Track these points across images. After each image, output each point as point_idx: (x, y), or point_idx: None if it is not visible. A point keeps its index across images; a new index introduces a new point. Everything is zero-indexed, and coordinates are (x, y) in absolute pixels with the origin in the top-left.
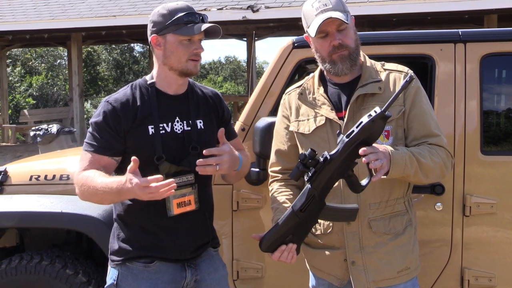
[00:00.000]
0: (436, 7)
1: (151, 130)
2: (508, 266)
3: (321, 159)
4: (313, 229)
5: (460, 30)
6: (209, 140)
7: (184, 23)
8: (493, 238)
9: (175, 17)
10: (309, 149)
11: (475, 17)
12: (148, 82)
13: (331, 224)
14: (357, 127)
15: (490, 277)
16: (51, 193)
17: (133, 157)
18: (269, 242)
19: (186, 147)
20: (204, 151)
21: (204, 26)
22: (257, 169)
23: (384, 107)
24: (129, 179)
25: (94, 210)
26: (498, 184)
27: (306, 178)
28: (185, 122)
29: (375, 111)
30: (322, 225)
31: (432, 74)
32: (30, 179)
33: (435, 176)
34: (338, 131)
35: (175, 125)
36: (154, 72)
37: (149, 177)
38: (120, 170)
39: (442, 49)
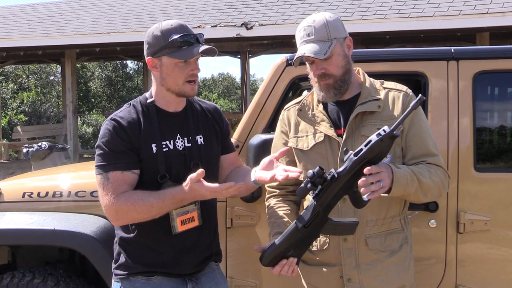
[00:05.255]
0: (429, 25)
1: (154, 148)
2: (502, 283)
3: (329, 177)
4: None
5: (452, 47)
6: (209, 155)
7: (178, 46)
8: (487, 255)
9: (169, 40)
10: (317, 167)
11: (467, 35)
12: (148, 101)
13: (327, 240)
14: (365, 146)
15: None
16: (44, 210)
17: (200, 170)
18: (270, 257)
19: (188, 164)
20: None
21: (200, 49)
22: None
23: (392, 126)
24: (199, 187)
25: (87, 227)
26: (492, 201)
27: (311, 195)
28: (185, 138)
29: (384, 130)
30: (318, 241)
31: (425, 92)
32: (23, 196)
33: (433, 195)
34: (345, 148)
35: (177, 142)
36: (153, 90)
37: (219, 185)
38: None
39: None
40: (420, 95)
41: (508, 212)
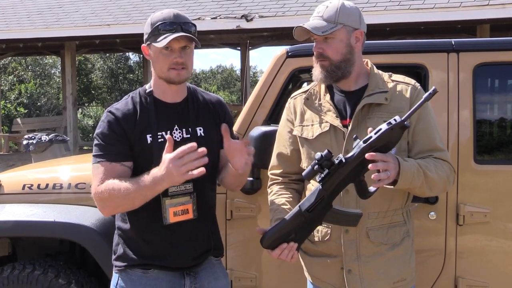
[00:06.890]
0: (429, 17)
1: (149, 139)
2: (501, 275)
3: (336, 162)
4: (311, 236)
5: (453, 39)
6: (209, 147)
7: (158, 33)
8: (486, 247)
9: (154, 27)
10: (326, 150)
11: (468, 27)
12: (146, 91)
13: (329, 231)
14: (375, 134)
15: (484, 286)
16: (44, 202)
17: (168, 136)
18: (271, 239)
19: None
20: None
21: (171, 36)
22: (251, 178)
23: (404, 116)
24: (163, 159)
25: (87, 219)
26: (492, 193)
27: (318, 179)
28: (184, 130)
29: (395, 120)
30: (320, 232)
31: (425, 84)
32: (23, 188)
33: (438, 189)
34: (354, 135)
35: (174, 133)
36: (152, 80)
37: (180, 148)
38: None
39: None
40: (434, 87)
41: (508, 205)
